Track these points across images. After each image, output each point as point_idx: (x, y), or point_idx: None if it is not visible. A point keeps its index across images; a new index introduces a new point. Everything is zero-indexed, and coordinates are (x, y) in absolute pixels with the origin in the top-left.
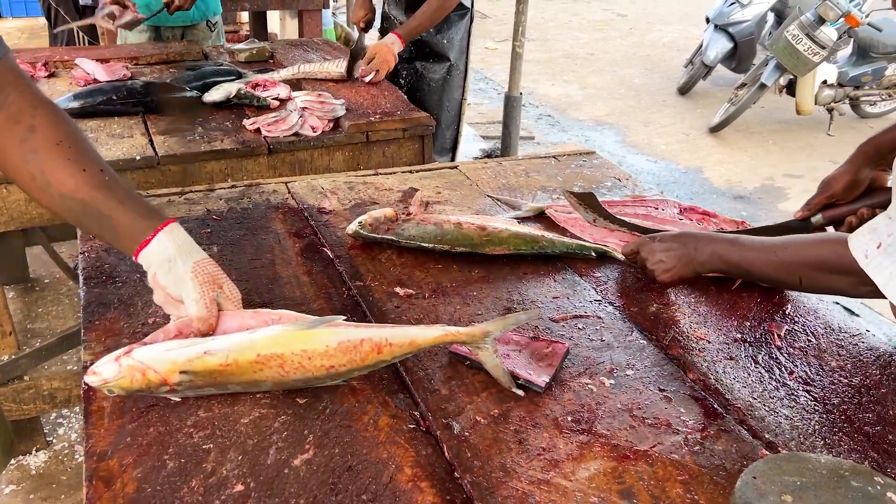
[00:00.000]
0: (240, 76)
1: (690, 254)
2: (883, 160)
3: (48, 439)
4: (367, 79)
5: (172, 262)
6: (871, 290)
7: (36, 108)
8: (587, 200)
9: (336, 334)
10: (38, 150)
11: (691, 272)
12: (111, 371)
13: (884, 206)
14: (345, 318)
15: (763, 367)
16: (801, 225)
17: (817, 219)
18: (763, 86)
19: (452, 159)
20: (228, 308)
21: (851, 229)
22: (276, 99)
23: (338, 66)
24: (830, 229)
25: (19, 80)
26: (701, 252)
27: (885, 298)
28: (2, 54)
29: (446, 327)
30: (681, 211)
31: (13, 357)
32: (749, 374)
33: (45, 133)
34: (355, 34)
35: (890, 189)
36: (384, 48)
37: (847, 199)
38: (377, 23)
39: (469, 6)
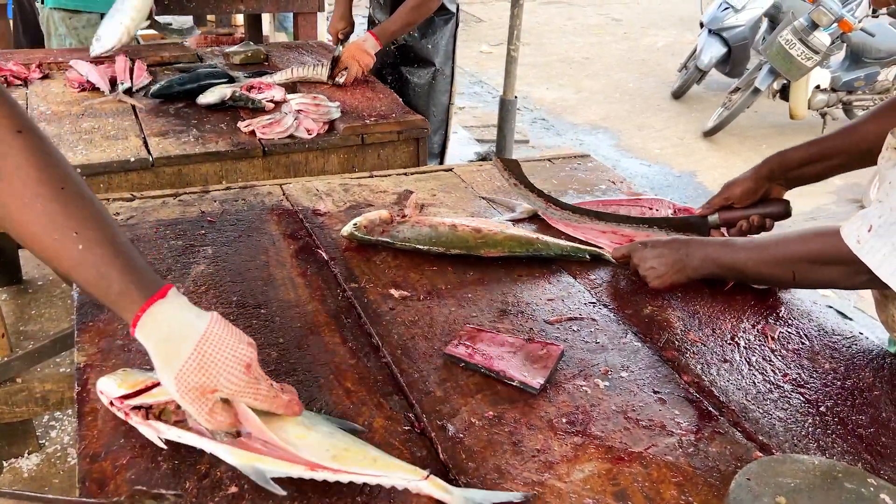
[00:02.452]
0: (231, 80)
1: (682, 259)
2: (783, 175)
3: (40, 442)
4: (339, 79)
5: (160, 374)
6: (865, 280)
7: (2, 143)
8: (511, 167)
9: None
10: (7, 204)
11: (684, 278)
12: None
13: (774, 216)
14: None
15: (757, 370)
16: (699, 221)
17: (713, 218)
18: (757, 90)
19: (441, 164)
20: (242, 410)
21: (741, 233)
22: (270, 101)
23: (321, 71)
24: (725, 231)
25: None
26: (693, 257)
27: (879, 288)
28: None
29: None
30: (675, 211)
31: (5, 359)
32: (743, 377)
33: (12, 185)
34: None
35: (782, 201)
36: (353, 46)
37: (743, 204)
38: (364, 25)
39: (454, 11)
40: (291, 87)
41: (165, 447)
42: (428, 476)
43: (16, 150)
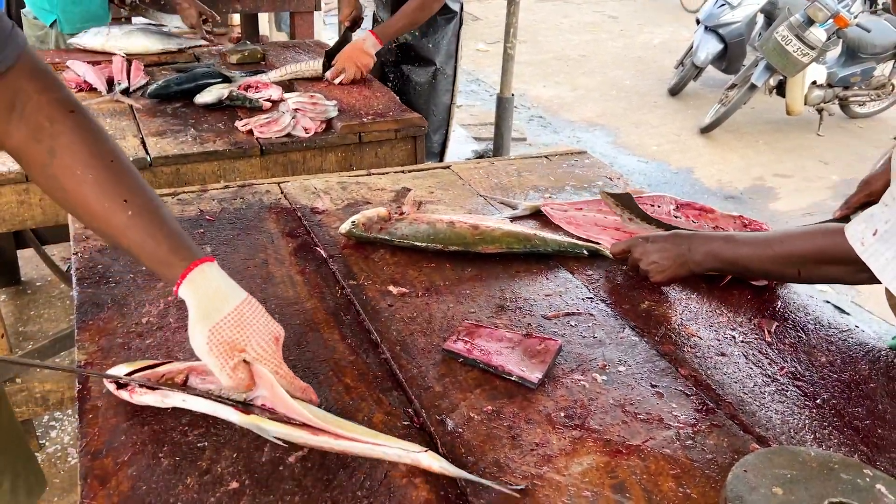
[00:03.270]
0: (228, 80)
1: (685, 254)
2: None
3: (41, 442)
4: (336, 80)
5: (192, 328)
6: (869, 277)
7: (54, 122)
8: (624, 202)
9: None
10: (59, 177)
11: (686, 272)
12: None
13: None
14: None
15: (754, 363)
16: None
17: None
18: (753, 87)
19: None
20: (260, 370)
21: None
22: (268, 100)
23: (314, 65)
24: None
25: (38, 86)
26: (696, 252)
27: (881, 285)
28: (11, 61)
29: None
30: (677, 207)
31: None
32: (740, 370)
33: (64, 159)
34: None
35: None
36: (352, 46)
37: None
38: (368, 24)
39: (456, 10)
40: (289, 85)
41: (167, 446)
42: (427, 450)
43: (69, 128)
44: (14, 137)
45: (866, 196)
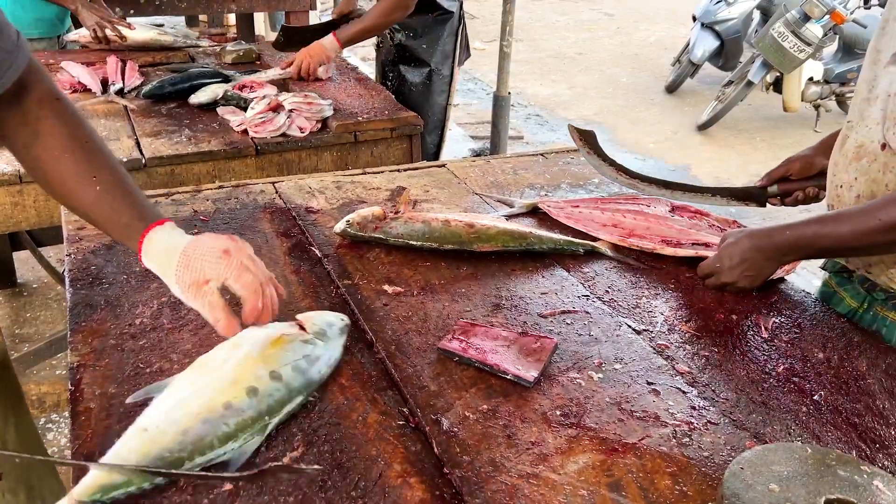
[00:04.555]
0: (226, 79)
1: (767, 248)
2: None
3: None
4: (284, 71)
5: (170, 288)
6: None
7: (42, 107)
8: (587, 138)
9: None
10: (41, 157)
11: (775, 267)
12: None
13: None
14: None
15: (750, 360)
16: (759, 191)
17: (773, 189)
18: (750, 83)
19: None
20: (240, 291)
21: (796, 202)
22: (263, 97)
23: (276, 71)
24: (779, 202)
25: (33, 78)
26: (781, 243)
27: None
28: (23, 63)
29: None
30: (672, 209)
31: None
32: (736, 367)
33: (46, 140)
34: None
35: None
36: (315, 45)
37: (801, 177)
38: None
39: (453, 10)
40: (283, 85)
41: None
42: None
43: (53, 113)
44: (4, 121)
45: (784, 170)
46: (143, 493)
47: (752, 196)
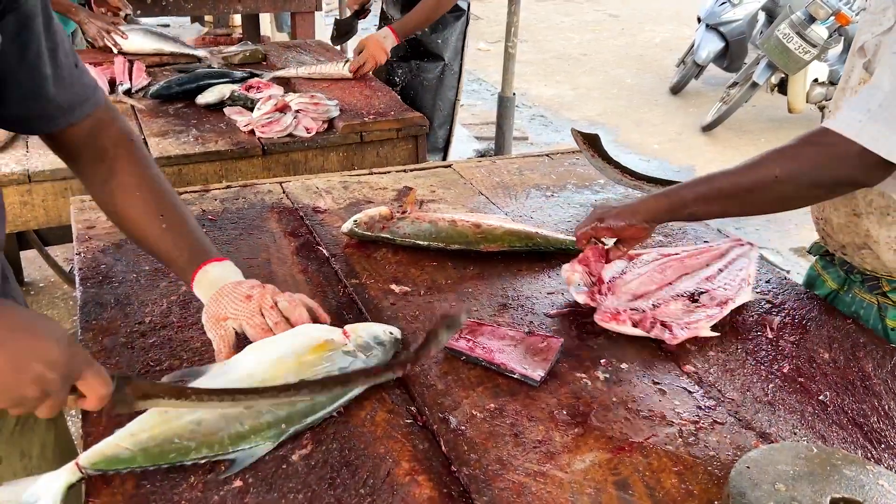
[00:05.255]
0: (233, 79)
1: (637, 205)
2: None
3: None
4: (345, 69)
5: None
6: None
7: (117, 147)
8: (591, 141)
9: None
10: (114, 192)
11: (640, 220)
12: None
13: None
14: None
15: (756, 359)
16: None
17: None
18: (755, 84)
19: (444, 158)
20: (248, 330)
21: None
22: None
23: (339, 68)
24: None
25: (108, 116)
26: (646, 200)
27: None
28: (100, 101)
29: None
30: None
31: None
32: (742, 366)
33: (120, 178)
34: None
35: None
36: (374, 41)
37: None
38: (372, 20)
39: (465, 8)
40: (290, 85)
41: None
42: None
43: (127, 153)
44: (84, 159)
45: None
46: (145, 473)
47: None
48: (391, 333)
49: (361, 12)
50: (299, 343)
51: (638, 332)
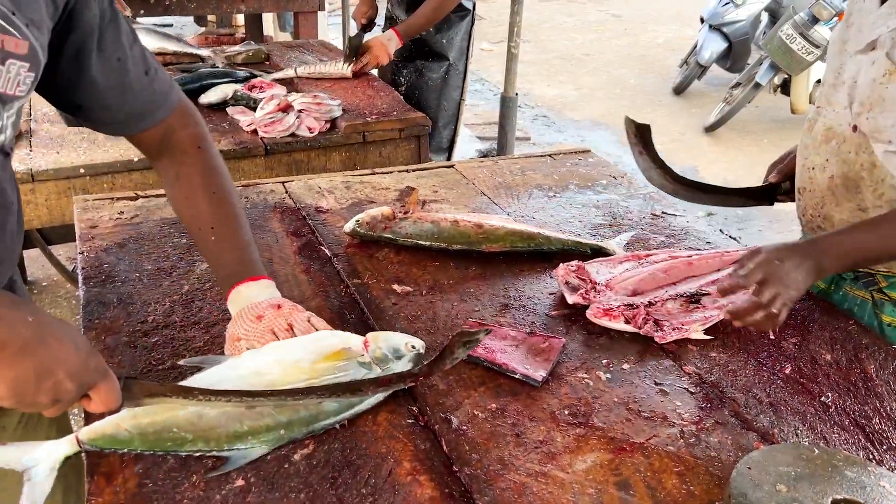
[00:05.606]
0: (236, 79)
1: (818, 259)
2: None
3: None
4: (348, 69)
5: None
6: None
7: (184, 154)
8: (643, 134)
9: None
10: (177, 197)
11: (817, 279)
12: None
13: None
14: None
15: (758, 360)
16: (772, 188)
17: (786, 185)
18: (758, 85)
19: (448, 158)
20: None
21: None
22: (273, 98)
23: (340, 67)
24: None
25: (181, 122)
26: (828, 256)
27: None
28: (175, 102)
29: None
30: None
31: None
32: (744, 367)
33: (182, 184)
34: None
35: None
36: (377, 43)
37: None
38: (380, 20)
39: (470, 8)
40: (292, 85)
41: None
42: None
43: (194, 161)
44: (161, 159)
45: (790, 166)
46: (147, 472)
47: (766, 194)
48: (413, 347)
49: (368, 26)
50: (316, 348)
51: (629, 328)
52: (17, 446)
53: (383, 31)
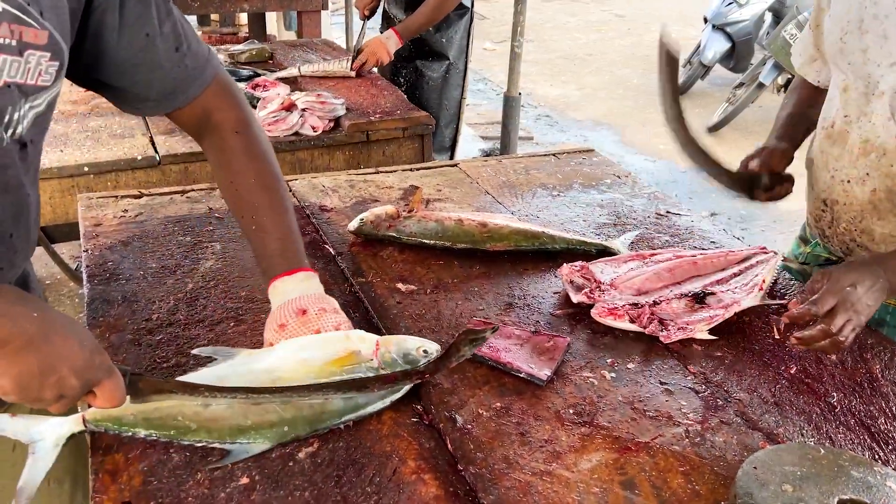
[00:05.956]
0: (240, 78)
1: (885, 278)
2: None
3: None
4: (343, 69)
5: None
6: None
7: (224, 139)
8: (671, 65)
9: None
10: (219, 179)
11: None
12: None
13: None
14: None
15: (763, 360)
16: (753, 179)
17: (765, 179)
18: (761, 85)
19: (451, 158)
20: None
21: (779, 197)
22: (277, 97)
23: (345, 65)
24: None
25: (219, 103)
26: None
27: None
28: (209, 80)
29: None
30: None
31: None
32: (749, 367)
33: (222, 169)
34: (358, 26)
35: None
36: (376, 41)
37: (780, 170)
38: (378, 20)
39: (469, 6)
40: (296, 84)
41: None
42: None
43: (231, 147)
44: (203, 140)
45: (767, 163)
46: (152, 469)
47: (745, 184)
48: (426, 352)
49: (370, 15)
50: (326, 352)
51: (634, 327)
52: (26, 418)
53: (381, 31)
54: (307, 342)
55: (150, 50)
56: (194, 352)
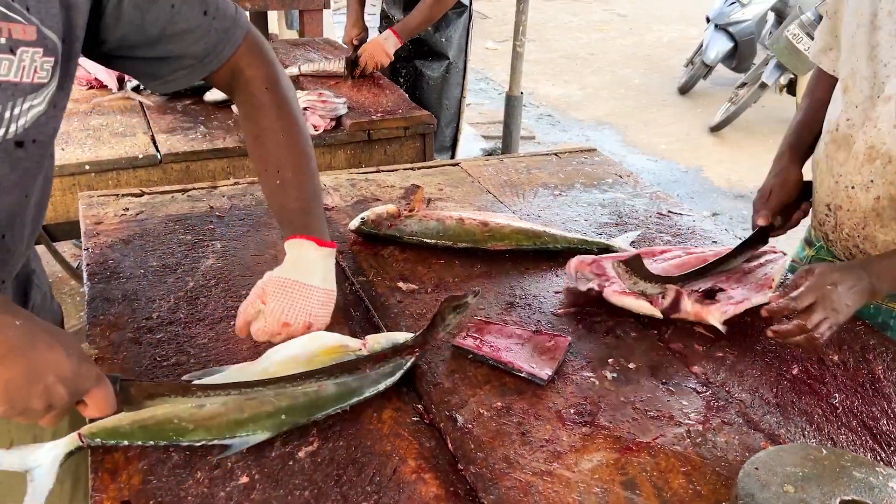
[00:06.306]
0: None
1: (872, 282)
2: (805, 156)
3: None
4: (336, 69)
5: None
6: None
7: (253, 95)
8: (634, 265)
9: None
10: (247, 133)
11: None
12: None
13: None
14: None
15: (765, 361)
16: (763, 232)
17: (779, 221)
18: (763, 85)
19: (452, 157)
20: (259, 323)
21: (795, 224)
22: None
23: (338, 66)
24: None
25: (250, 61)
26: (883, 279)
27: None
28: (238, 42)
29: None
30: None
31: None
32: (751, 367)
33: (250, 123)
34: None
35: (807, 182)
36: (374, 43)
37: (795, 198)
38: (376, 22)
39: (467, 4)
40: (297, 83)
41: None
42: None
43: (260, 102)
44: (235, 96)
45: (780, 199)
46: (152, 469)
47: (761, 239)
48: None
49: (359, 47)
50: (313, 347)
51: (647, 304)
52: (21, 449)
53: (380, 32)
54: (293, 343)
55: (177, 21)
56: (185, 378)
